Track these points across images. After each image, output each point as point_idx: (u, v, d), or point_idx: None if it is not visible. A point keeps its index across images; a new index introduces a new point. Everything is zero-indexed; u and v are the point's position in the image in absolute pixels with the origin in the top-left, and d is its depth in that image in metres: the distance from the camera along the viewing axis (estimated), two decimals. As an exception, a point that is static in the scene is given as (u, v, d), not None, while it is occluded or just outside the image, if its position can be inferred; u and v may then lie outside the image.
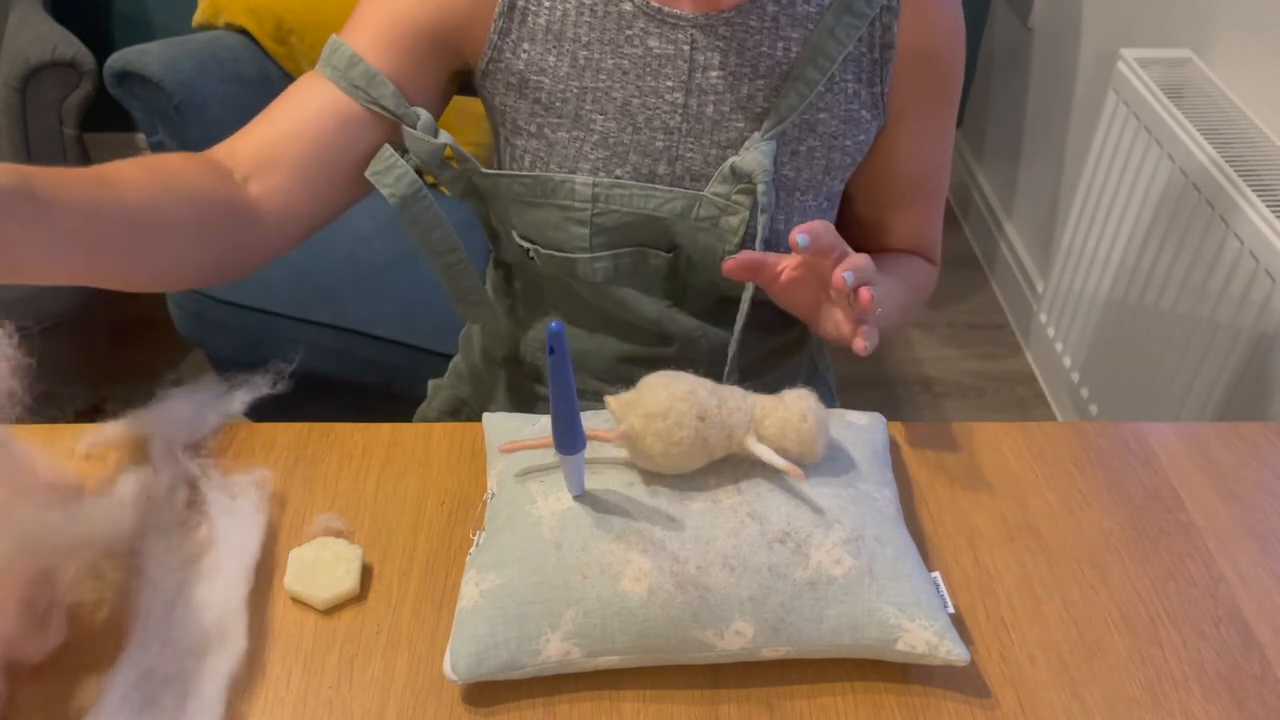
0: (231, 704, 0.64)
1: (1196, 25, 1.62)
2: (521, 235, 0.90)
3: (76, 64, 1.68)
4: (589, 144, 0.85)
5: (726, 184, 0.84)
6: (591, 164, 0.85)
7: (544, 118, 0.86)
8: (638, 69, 0.83)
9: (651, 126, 0.84)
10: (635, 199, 0.85)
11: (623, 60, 0.83)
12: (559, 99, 0.85)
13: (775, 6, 0.82)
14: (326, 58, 0.85)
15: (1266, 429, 0.88)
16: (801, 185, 0.87)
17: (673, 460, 0.68)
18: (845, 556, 0.67)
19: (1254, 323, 1.31)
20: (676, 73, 0.83)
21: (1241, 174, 1.36)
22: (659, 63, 0.83)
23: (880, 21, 0.83)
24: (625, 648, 0.65)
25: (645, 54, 0.83)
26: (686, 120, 0.84)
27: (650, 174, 0.86)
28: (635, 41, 0.83)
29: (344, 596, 0.70)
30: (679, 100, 0.83)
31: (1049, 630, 0.71)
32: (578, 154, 0.85)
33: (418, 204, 0.85)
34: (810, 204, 0.88)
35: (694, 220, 0.85)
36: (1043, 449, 0.85)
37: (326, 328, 1.60)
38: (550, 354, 0.60)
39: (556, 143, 0.86)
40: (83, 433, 0.81)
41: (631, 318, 0.92)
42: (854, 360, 2.19)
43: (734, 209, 0.84)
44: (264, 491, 0.76)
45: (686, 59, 0.82)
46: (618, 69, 0.83)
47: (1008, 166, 2.38)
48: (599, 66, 0.83)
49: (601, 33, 0.83)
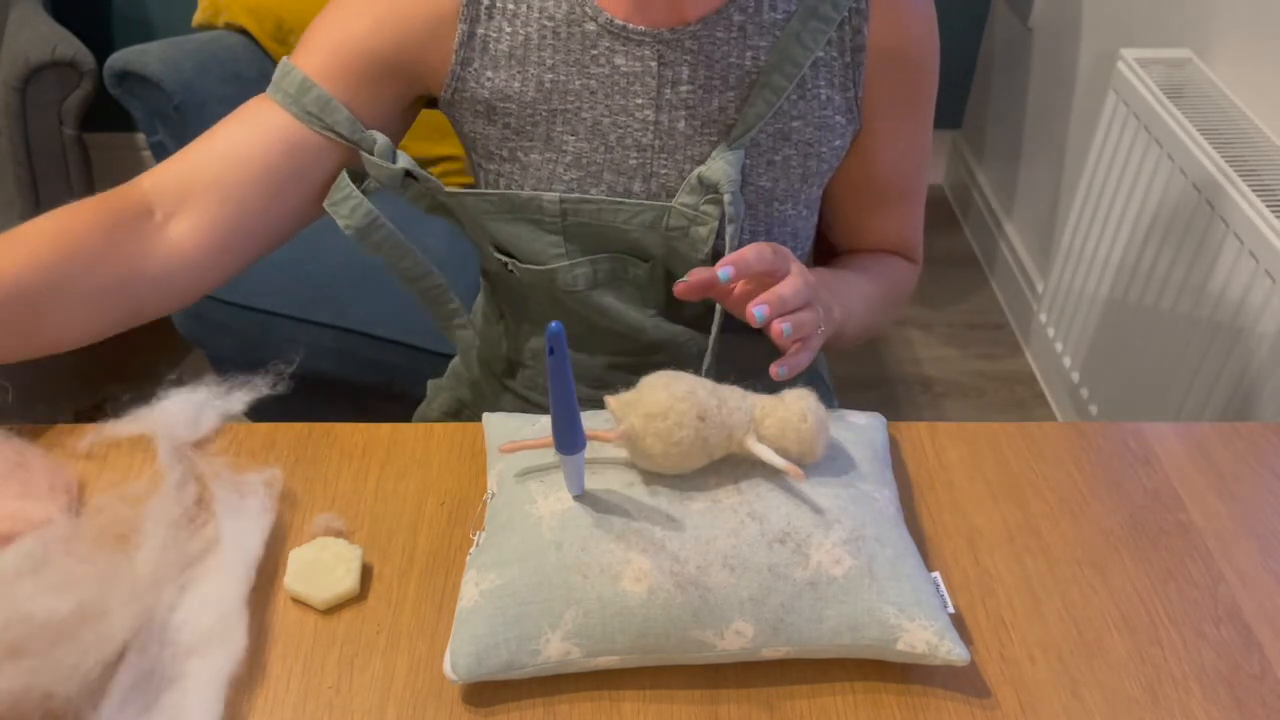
0: (231, 704, 0.64)
1: (1196, 25, 1.62)
2: (498, 249, 0.89)
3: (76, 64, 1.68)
4: (562, 165, 0.84)
5: (694, 194, 0.83)
6: (565, 184, 0.85)
7: (515, 142, 0.85)
8: (605, 88, 0.82)
9: (624, 145, 0.83)
10: (604, 213, 0.84)
11: (590, 80, 0.82)
12: (528, 123, 0.84)
13: (741, 16, 0.81)
14: (277, 82, 0.83)
15: (1266, 429, 0.88)
16: (779, 195, 0.86)
17: (673, 460, 0.68)
18: (845, 556, 0.67)
19: (1254, 323, 1.31)
20: (645, 89, 0.82)
21: (1241, 174, 1.35)
22: (627, 80, 0.82)
23: (850, 25, 0.82)
24: (625, 648, 0.65)
25: (613, 72, 0.82)
26: (659, 137, 0.83)
27: (625, 192, 0.85)
28: (601, 61, 0.82)
29: (344, 596, 0.70)
30: (649, 117, 0.83)
31: (1049, 630, 0.71)
32: (551, 175, 0.85)
33: (376, 233, 0.84)
34: (789, 213, 0.88)
35: (665, 231, 0.84)
36: (1043, 449, 0.85)
37: (326, 328, 1.60)
38: (550, 354, 0.60)
39: (530, 165, 0.85)
40: (83, 433, 0.81)
41: (617, 326, 0.91)
42: (854, 360, 2.19)
43: (703, 219, 0.83)
44: (273, 491, 0.76)
45: (655, 75, 0.81)
46: (585, 89, 0.82)
47: (1008, 166, 2.38)
48: (566, 88, 0.82)
49: (566, 54, 0.82)
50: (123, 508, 0.73)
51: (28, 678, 0.60)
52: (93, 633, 0.62)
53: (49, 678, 0.60)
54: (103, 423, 0.80)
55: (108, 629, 0.63)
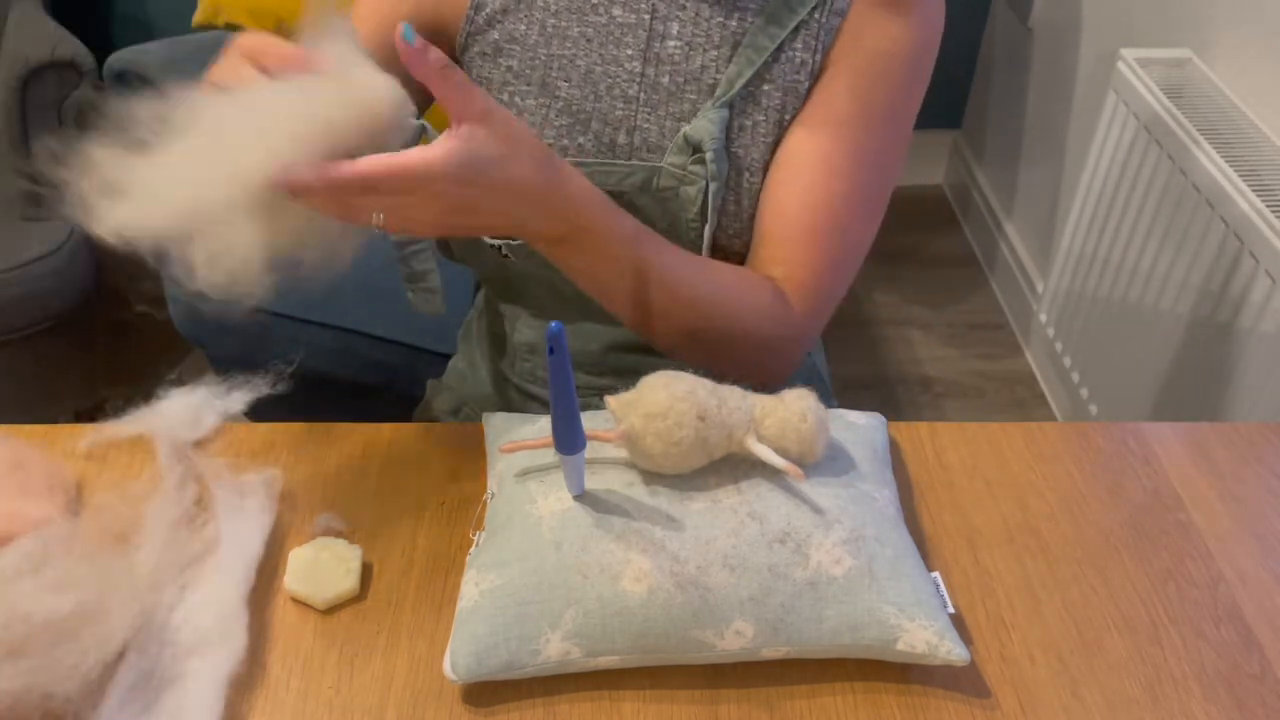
0: (231, 704, 0.64)
1: (1196, 25, 1.62)
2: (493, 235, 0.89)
3: (76, 64, 1.68)
4: (554, 110, 0.86)
5: (682, 154, 0.84)
6: (556, 130, 0.87)
7: (514, 85, 0.87)
8: (600, 36, 0.85)
9: (612, 95, 0.86)
10: (596, 175, 0.85)
11: (587, 28, 0.85)
12: (528, 66, 0.86)
13: None
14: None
15: (1266, 429, 0.88)
16: (751, 166, 0.85)
17: (673, 460, 0.68)
18: (845, 556, 0.67)
19: (1254, 323, 1.31)
20: (636, 41, 0.84)
21: (1241, 174, 1.35)
22: (620, 31, 0.85)
23: None
24: (625, 648, 0.65)
25: (609, 22, 0.85)
26: (644, 90, 0.85)
27: (611, 143, 0.87)
28: (600, 10, 0.85)
29: (344, 596, 0.70)
30: (637, 69, 0.85)
31: (1049, 630, 0.71)
32: (543, 120, 0.87)
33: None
34: (758, 185, 0.86)
35: (655, 191, 0.86)
36: (1043, 449, 0.85)
37: (326, 328, 1.60)
38: (550, 354, 0.60)
39: (525, 110, 0.87)
40: (83, 433, 0.81)
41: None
42: (854, 360, 2.19)
43: (691, 179, 0.84)
44: (273, 491, 0.76)
45: (646, 28, 0.84)
46: (582, 36, 0.85)
47: (1008, 166, 2.38)
48: (565, 34, 0.85)
49: (570, 0, 0.85)
50: (123, 508, 0.73)
51: (28, 678, 0.60)
52: (93, 633, 0.62)
53: (49, 678, 0.60)
54: (103, 423, 0.80)
55: (108, 629, 0.63)
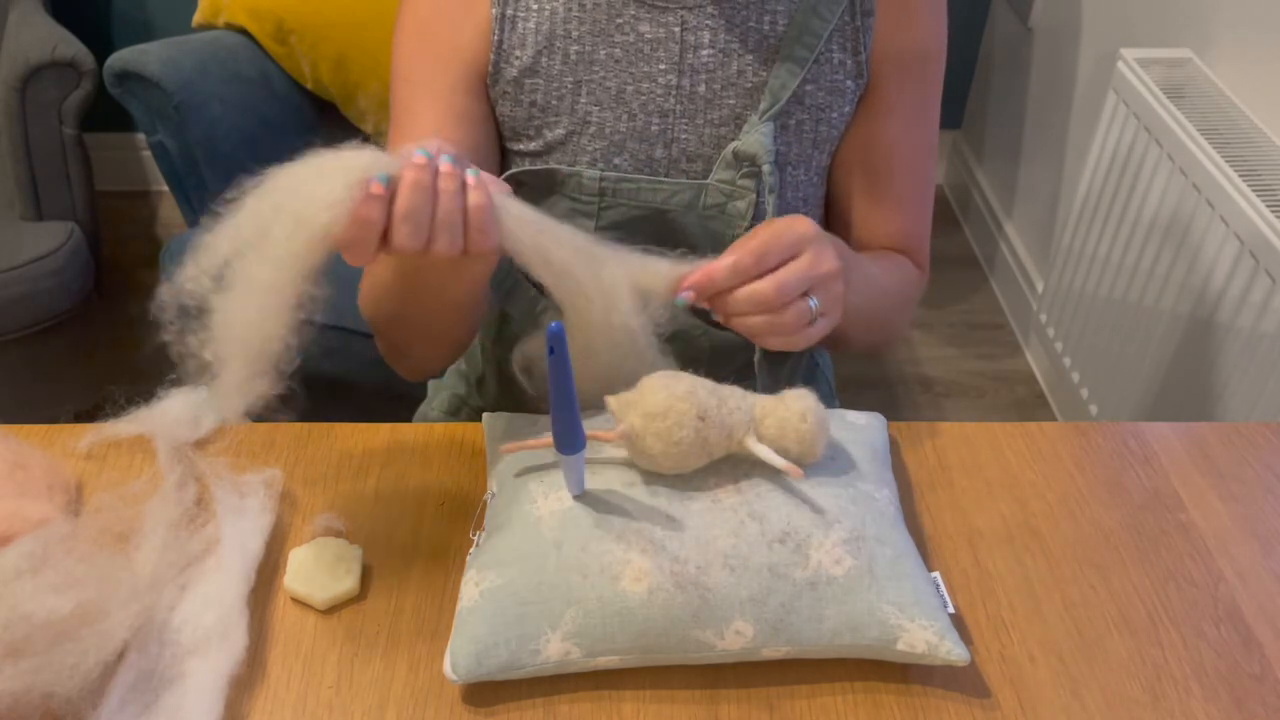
0: (231, 704, 0.64)
1: (1196, 25, 1.62)
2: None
3: (76, 64, 1.68)
4: (586, 136, 0.86)
5: (730, 169, 0.85)
6: (590, 156, 0.86)
7: (541, 118, 0.86)
8: (630, 56, 0.84)
9: (646, 111, 0.85)
10: (643, 192, 0.86)
11: (614, 49, 0.84)
12: (554, 97, 0.86)
13: None
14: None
15: (1266, 429, 0.88)
16: (793, 160, 0.88)
17: (673, 460, 0.68)
18: (845, 556, 0.67)
19: (1254, 323, 1.31)
20: (669, 55, 0.84)
21: (1241, 174, 1.35)
22: (650, 47, 0.84)
23: None
24: (625, 648, 0.65)
25: (637, 40, 0.84)
26: (680, 101, 0.85)
27: (648, 159, 0.87)
28: (626, 29, 0.84)
29: (344, 596, 0.70)
30: (671, 82, 0.85)
31: (1049, 630, 0.71)
32: (576, 148, 0.86)
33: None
34: (801, 178, 0.89)
35: (702, 209, 0.86)
36: (1043, 449, 0.85)
37: (326, 328, 1.60)
38: (550, 354, 0.60)
39: (554, 141, 0.86)
40: (83, 433, 0.81)
41: None
42: (854, 360, 2.19)
43: (740, 193, 0.85)
44: (273, 491, 0.77)
45: (678, 40, 0.84)
46: (610, 58, 0.85)
47: (1008, 166, 2.38)
48: (592, 59, 0.85)
49: (592, 25, 0.84)
50: (122, 507, 0.73)
51: (28, 678, 0.60)
52: (93, 633, 0.62)
53: (49, 678, 0.60)
54: (102, 423, 0.80)
55: (108, 629, 0.63)
